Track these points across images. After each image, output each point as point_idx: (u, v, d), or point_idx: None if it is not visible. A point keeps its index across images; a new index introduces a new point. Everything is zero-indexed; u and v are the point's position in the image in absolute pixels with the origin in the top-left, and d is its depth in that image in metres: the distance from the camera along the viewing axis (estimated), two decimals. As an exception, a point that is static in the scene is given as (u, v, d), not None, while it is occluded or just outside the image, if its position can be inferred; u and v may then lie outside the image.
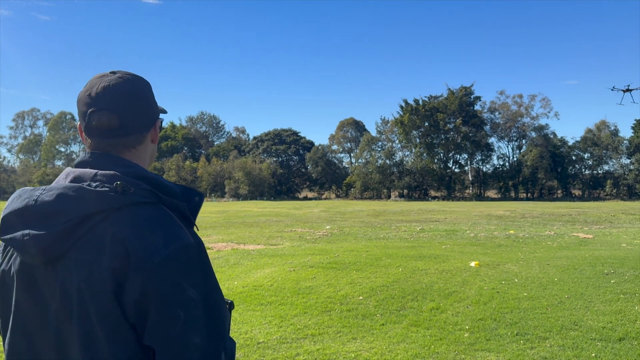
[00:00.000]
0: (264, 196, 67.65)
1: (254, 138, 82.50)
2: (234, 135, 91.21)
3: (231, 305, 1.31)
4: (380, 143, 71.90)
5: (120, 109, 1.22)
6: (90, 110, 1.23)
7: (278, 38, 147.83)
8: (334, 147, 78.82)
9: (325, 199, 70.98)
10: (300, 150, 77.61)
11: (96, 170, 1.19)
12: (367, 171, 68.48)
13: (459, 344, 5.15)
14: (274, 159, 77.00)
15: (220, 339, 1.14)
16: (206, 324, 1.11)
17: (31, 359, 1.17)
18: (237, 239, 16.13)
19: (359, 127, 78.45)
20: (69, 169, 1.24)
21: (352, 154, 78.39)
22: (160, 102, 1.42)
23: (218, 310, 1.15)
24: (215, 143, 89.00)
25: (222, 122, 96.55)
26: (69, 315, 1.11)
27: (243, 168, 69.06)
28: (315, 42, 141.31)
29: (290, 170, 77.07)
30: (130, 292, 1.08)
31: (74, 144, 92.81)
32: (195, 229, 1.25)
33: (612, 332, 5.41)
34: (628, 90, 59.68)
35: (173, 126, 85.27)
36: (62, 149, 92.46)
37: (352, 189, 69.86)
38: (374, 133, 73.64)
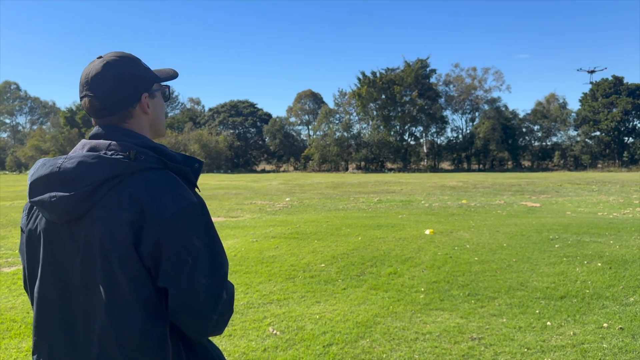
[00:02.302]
0: (221, 169, 67.08)
1: (210, 109, 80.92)
2: (188, 106, 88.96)
3: None
4: (338, 115, 71.96)
5: (99, 93, 1.39)
6: (80, 96, 1.43)
7: (234, 8, 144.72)
8: (292, 119, 78.29)
9: (284, 171, 70.97)
10: (258, 123, 76.80)
11: (110, 141, 1.37)
12: (325, 144, 68.64)
13: (415, 304, 5.50)
14: (231, 131, 75.95)
15: (222, 281, 1.37)
16: (210, 268, 1.33)
17: (61, 302, 1.35)
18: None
19: (316, 99, 78.14)
20: (84, 140, 1.42)
21: (310, 127, 78.17)
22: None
23: (219, 257, 1.37)
24: (169, 114, 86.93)
25: (175, 93, 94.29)
26: (92, 264, 1.30)
27: (199, 140, 68.04)
28: (272, 13, 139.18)
29: (248, 142, 76.36)
30: (146, 242, 1.27)
31: (20, 115, 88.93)
32: (197, 190, 1.44)
33: (555, 291, 5.88)
34: (592, 71, 65.35)
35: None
36: (8, 120, 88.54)
37: (310, 162, 70.00)
38: (331, 105, 73.58)
